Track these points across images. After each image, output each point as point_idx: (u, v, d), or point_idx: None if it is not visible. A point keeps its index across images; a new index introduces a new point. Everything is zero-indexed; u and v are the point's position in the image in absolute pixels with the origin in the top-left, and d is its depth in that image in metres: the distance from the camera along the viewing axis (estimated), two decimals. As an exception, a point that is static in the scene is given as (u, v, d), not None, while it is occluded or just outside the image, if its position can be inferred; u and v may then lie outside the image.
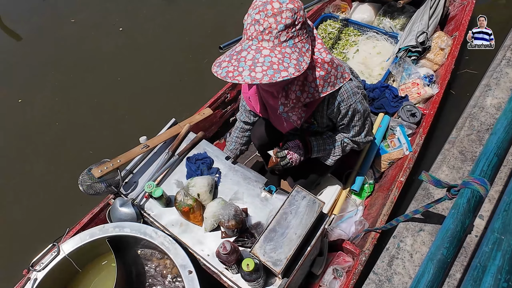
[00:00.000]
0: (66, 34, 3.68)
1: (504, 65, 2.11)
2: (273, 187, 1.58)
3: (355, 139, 1.56)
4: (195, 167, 1.67)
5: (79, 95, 3.15)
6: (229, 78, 1.11)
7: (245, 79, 1.08)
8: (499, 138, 1.14)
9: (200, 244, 1.49)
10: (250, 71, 1.09)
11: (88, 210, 1.76)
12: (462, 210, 1.03)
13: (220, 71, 1.13)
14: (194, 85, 3.06)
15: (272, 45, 1.11)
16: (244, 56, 1.12)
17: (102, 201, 1.79)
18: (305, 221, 1.30)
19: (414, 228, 1.57)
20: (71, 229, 1.67)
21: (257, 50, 1.11)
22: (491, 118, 1.89)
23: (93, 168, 1.58)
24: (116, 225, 1.51)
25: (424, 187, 1.73)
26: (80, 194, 1.61)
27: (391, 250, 1.53)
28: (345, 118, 1.45)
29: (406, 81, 2.28)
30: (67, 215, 2.33)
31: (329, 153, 1.59)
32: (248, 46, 1.13)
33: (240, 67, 1.10)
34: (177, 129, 1.81)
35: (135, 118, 2.91)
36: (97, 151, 2.71)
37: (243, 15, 1.17)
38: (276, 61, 1.10)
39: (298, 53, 1.14)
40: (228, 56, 1.16)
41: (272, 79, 1.08)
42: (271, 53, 1.11)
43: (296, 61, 1.13)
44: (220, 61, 1.17)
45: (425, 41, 2.39)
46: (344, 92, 1.37)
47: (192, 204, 1.47)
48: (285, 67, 1.10)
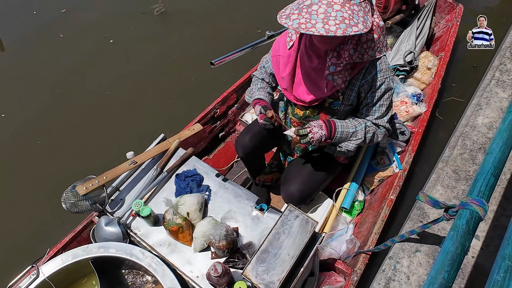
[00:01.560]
0: (53, 46, 3.60)
1: (493, 85, 2.17)
2: (264, 206, 1.55)
3: (378, 122, 1.52)
4: (184, 184, 1.62)
5: (65, 110, 3.06)
6: (302, 29, 1.16)
7: (319, 31, 1.14)
8: (495, 158, 1.14)
9: (189, 265, 1.43)
10: (324, 24, 1.14)
11: (70, 228, 1.69)
12: (461, 232, 1.01)
13: (291, 22, 1.18)
14: (184, 100, 3.03)
15: (342, 0, 1.18)
16: (316, 9, 1.17)
17: (85, 218, 1.71)
18: (298, 241, 1.27)
19: (410, 248, 1.56)
20: (52, 249, 1.59)
21: (328, 5, 1.17)
22: (483, 137, 1.93)
23: (77, 185, 1.52)
24: (100, 245, 1.44)
25: (419, 207, 1.72)
26: (62, 212, 1.54)
27: (387, 271, 1.51)
28: (376, 93, 1.45)
29: (395, 99, 2.31)
30: (47, 234, 2.23)
31: (351, 136, 1.51)
32: (318, 0, 1.18)
33: (312, 19, 1.16)
34: (166, 145, 1.77)
35: (122, 134, 2.85)
36: (82, 167, 2.62)
37: (233, 33, 1.18)
38: (347, 16, 1.17)
39: (363, 12, 1.22)
40: (297, 9, 1.20)
41: (346, 32, 1.15)
42: (342, 8, 1.17)
43: (363, 18, 1.21)
44: (287, 13, 1.22)
45: (413, 60, 2.44)
46: (384, 64, 1.41)
47: (181, 223, 1.43)
48: (355, 22, 1.17)
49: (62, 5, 3.96)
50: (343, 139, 1.51)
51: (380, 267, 1.64)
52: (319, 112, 1.57)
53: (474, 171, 1.83)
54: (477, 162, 1.85)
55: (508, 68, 2.25)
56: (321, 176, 1.73)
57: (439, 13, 2.86)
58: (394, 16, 2.57)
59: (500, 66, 2.27)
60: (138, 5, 3.89)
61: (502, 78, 2.20)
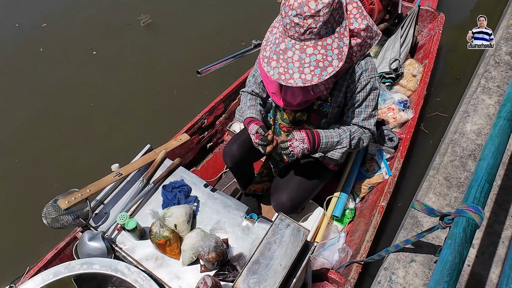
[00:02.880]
0: (34, 59, 3.54)
1: (480, 92, 2.20)
2: (254, 215, 1.51)
3: (365, 124, 1.50)
4: (171, 195, 1.58)
5: (47, 123, 2.99)
6: (282, 81, 1.22)
7: (297, 82, 1.19)
8: (488, 164, 1.14)
9: (178, 279, 1.38)
10: (300, 73, 1.19)
11: (52, 245, 1.61)
12: (459, 240, 0.99)
13: (272, 72, 1.23)
14: (169, 112, 2.99)
15: (314, 42, 1.18)
16: (291, 56, 1.20)
17: (68, 234, 1.64)
18: (290, 251, 1.23)
19: (405, 259, 1.54)
20: (32, 268, 1.51)
21: (301, 50, 1.18)
22: (472, 144, 1.95)
23: (59, 199, 1.46)
24: (84, 261, 1.38)
25: (412, 216, 1.71)
26: (43, 228, 1.47)
27: (383, 283, 1.48)
28: (361, 93, 1.43)
29: (381, 106, 2.32)
30: (29, 252, 2.14)
31: (336, 144, 1.49)
32: (292, 45, 1.19)
33: (290, 69, 1.20)
34: (152, 156, 1.73)
35: (107, 147, 2.78)
36: (64, 183, 2.53)
37: (218, 45, 1.17)
38: (320, 58, 1.18)
39: (338, 38, 1.20)
40: (274, 53, 1.23)
41: (321, 78, 1.19)
42: (314, 50, 1.18)
43: (338, 49, 1.20)
44: (268, 57, 1.25)
45: (398, 68, 2.47)
46: (369, 63, 1.39)
47: (168, 235, 1.38)
48: (329, 61, 1.19)
49: (43, 19, 3.91)
50: (328, 149, 1.51)
51: (376, 278, 1.61)
52: (308, 115, 1.55)
53: (465, 178, 1.83)
54: (468, 169, 1.86)
55: (493, 75, 2.30)
56: (311, 184, 1.70)
57: (422, 22, 2.92)
58: (379, 25, 2.62)
59: (485, 74, 2.31)
60: (124, 17, 3.87)
61: (488, 85, 2.24)
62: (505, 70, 2.32)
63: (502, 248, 1.56)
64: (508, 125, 1.32)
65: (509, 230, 1.61)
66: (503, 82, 2.25)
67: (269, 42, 1.28)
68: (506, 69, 2.33)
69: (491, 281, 1.48)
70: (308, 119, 1.57)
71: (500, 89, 2.22)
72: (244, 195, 2.06)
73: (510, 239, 1.56)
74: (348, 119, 1.52)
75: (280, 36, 1.24)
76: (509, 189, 1.75)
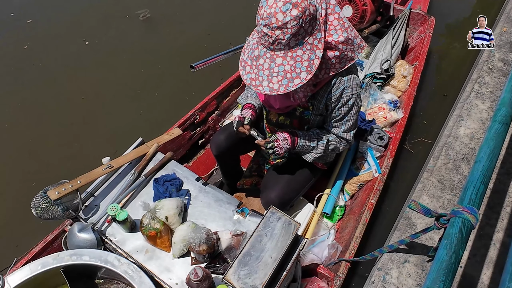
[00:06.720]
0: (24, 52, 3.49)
1: (473, 97, 2.25)
2: (246, 209, 1.51)
3: (345, 136, 1.55)
4: (163, 188, 1.57)
5: (40, 113, 2.96)
6: (253, 87, 1.26)
7: (265, 90, 1.23)
8: (483, 166, 1.16)
9: (168, 271, 1.37)
10: (268, 82, 1.22)
11: (40, 237, 1.59)
12: (454, 241, 1.01)
13: (245, 76, 1.28)
14: (162, 107, 2.98)
15: (283, 52, 1.18)
16: (262, 64, 1.22)
17: (57, 227, 1.62)
18: (281, 244, 1.24)
19: (398, 259, 1.55)
20: (20, 260, 1.49)
21: (271, 59, 1.20)
22: (466, 147, 1.99)
23: (49, 190, 1.44)
24: (73, 252, 1.36)
25: (406, 217, 1.73)
26: (32, 220, 1.45)
27: (377, 283, 1.49)
28: (342, 108, 1.45)
29: (372, 105, 2.35)
30: (15, 244, 2.11)
31: (312, 149, 1.56)
32: (263, 53, 1.22)
33: (260, 76, 1.23)
34: (144, 149, 1.72)
35: (98, 140, 2.76)
36: (54, 174, 2.51)
37: (210, 44, 1.19)
38: (288, 69, 1.19)
39: (310, 50, 1.20)
40: (249, 58, 1.27)
41: (287, 88, 1.20)
42: (283, 60, 1.19)
43: (308, 62, 1.19)
44: (244, 61, 1.30)
45: (389, 68, 2.50)
46: (352, 80, 1.40)
47: (159, 228, 1.37)
48: (297, 73, 1.19)
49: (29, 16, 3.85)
50: (303, 152, 1.58)
51: (369, 278, 1.62)
52: (291, 120, 1.58)
53: (459, 181, 1.87)
54: (461, 172, 1.90)
55: (486, 81, 2.35)
56: (300, 182, 1.73)
57: (412, 24, 2.97)
58: (371, 26, 2.65)
59: (478, 79, 2.36)
60: (124, 9, 3.85)
61: (481, 91, 2.29)
62: (498, 76, 2.38)
63: (494, 250, 1.59)
64: (503, 128, 1.35)
65: (500, 233, 1.64)
66: (496, 88, 2.30)
67: (248, 46, 1.30)
68: (499, 75, 2.38)
69: (482, 283, 1.50)
70: (291, 124, 1.60)
71: (493, 95, 2.27)
72: (226, 185, 2.09)
73: (502, 242, 1.60)
74: (330, 128, 1.56)
75: (255, 43, 1.25)
76: (501, 193, 1.79)
